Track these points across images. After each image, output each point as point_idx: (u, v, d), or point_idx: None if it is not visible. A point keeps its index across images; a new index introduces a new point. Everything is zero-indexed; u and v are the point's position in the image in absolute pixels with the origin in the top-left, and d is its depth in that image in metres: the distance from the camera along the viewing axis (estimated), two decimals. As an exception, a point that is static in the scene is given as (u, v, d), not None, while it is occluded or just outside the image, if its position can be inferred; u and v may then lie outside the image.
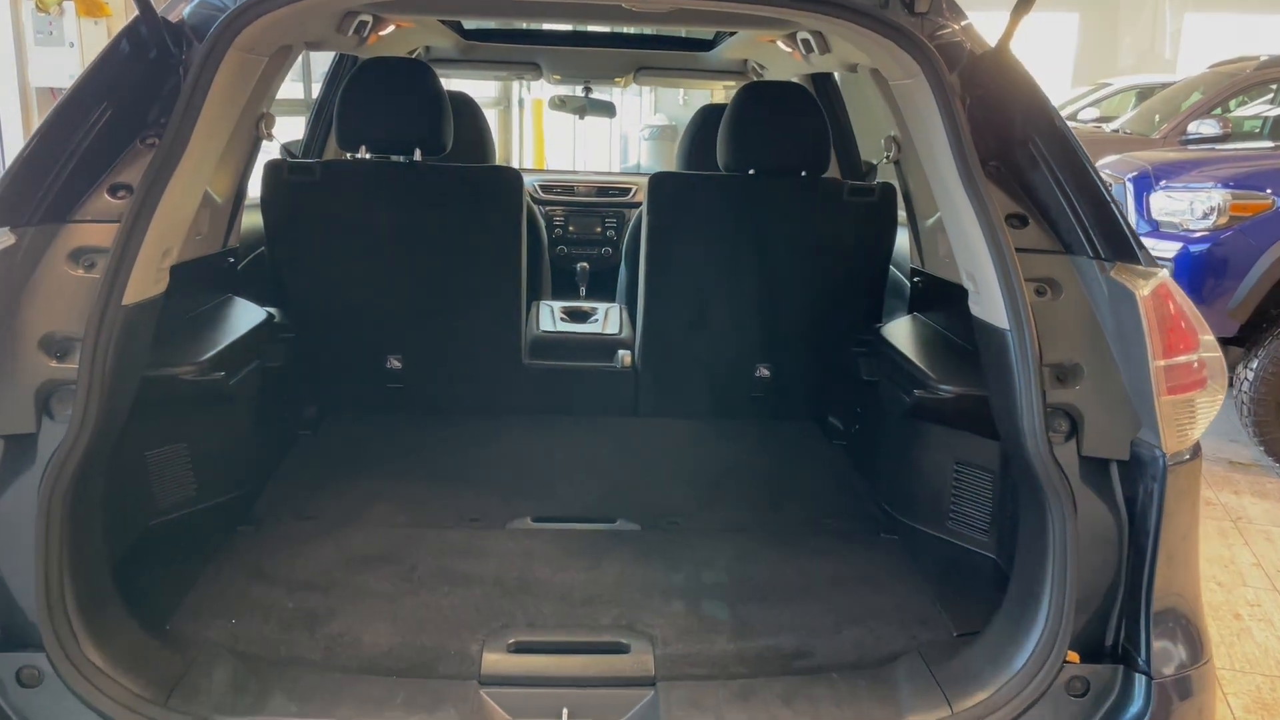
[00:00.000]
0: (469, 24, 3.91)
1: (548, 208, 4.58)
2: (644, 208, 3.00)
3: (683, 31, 4.14)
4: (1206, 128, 7.91)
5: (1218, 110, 8.64)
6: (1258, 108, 9.33)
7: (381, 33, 3.04)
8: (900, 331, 2.66)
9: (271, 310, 2.75)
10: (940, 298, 2.65)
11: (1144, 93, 11.66)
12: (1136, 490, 1.73)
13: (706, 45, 4.10)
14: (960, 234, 1.98)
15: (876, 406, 2.67)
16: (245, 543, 2.28)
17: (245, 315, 2.61)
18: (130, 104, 1.82)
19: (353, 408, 3.10)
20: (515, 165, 7.73)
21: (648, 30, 4.13)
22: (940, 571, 2.26)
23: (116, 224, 1.71)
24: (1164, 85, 11.05)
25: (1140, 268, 1.76)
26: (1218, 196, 5.69)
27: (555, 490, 2.62)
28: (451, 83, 4.17)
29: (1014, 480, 2.16)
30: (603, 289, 4.48)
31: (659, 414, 3.15)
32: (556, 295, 4.21)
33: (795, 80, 3.35)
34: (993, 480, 2.27)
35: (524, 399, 3.12)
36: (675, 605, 2.07)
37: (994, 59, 1.98)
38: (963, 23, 2.16)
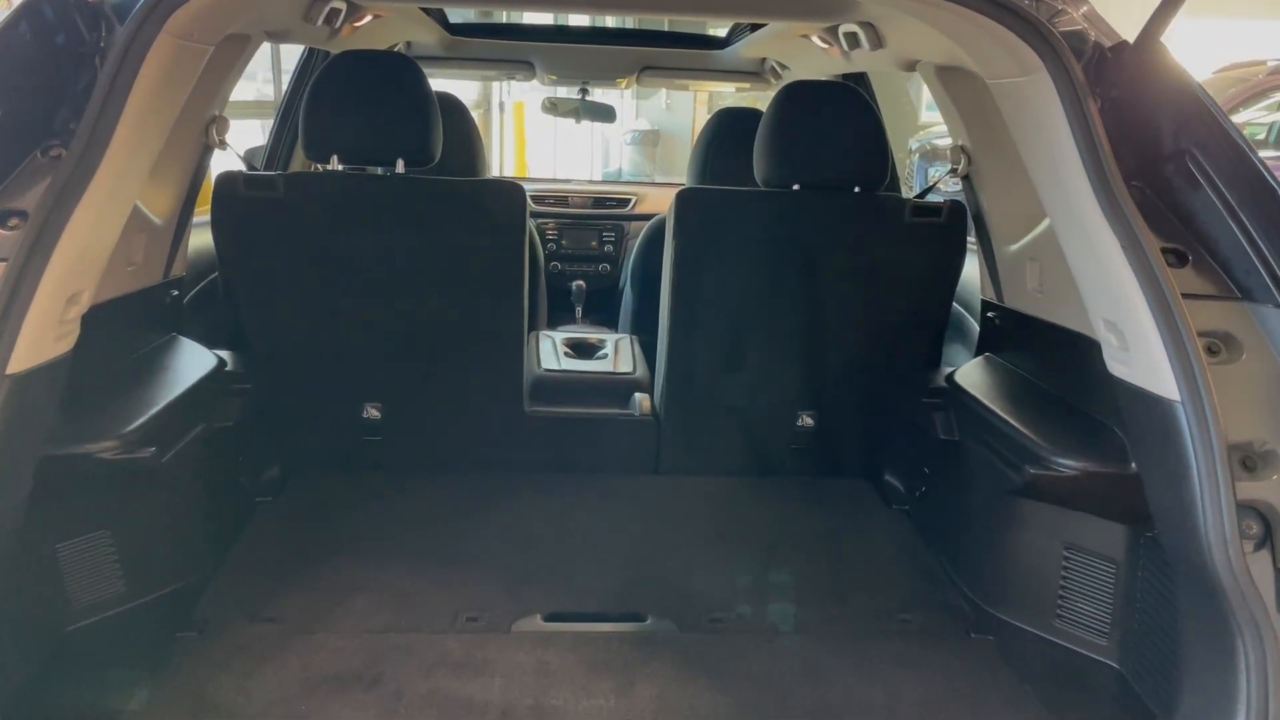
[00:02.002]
0: (455, 17, 3.46)
1: (539, 220, 4.14)
2: (669, 228, 2.56)
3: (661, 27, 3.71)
4: (1221, 136, 7.55)
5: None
6: (1252, 114, 9.06)
7: (357, 23, 2.59)
8: (981, 380, 2.24)
9: (222, 354, 2.30)
10: (1027, 339, 2.25)
11: (1139, 99, 11.38)
12: None
13: (719, 43, 3.68)
14: (1095, 272, 1.59)
15: (955, 471, 2.25)
16: (186, 657, 1.83)
17: (189, 364, 2.15)
18: (28, 104, 1.46)
19: (322, 466, 2.64)
20: (496, 173, 7.29)
21: (654, 25, 3.71)
22: (1051, 683, 1.86)
23: (4, 263, 1.36)
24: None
25: (1359, 323, 1.37)
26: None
27: (569, 575, 2.18)
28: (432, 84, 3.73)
29: (1145, 577, 1.76)
30: (599, 310, 4.08)
31: (685, 471, 2.71)
32: (551, 318, 3.77)
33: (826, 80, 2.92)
34: (1115, 571, 1.86)
35: (526, 454, 2.68)
36: None
37: (1135, 53, 1.59)
38: (1082, 9, 1.77)
